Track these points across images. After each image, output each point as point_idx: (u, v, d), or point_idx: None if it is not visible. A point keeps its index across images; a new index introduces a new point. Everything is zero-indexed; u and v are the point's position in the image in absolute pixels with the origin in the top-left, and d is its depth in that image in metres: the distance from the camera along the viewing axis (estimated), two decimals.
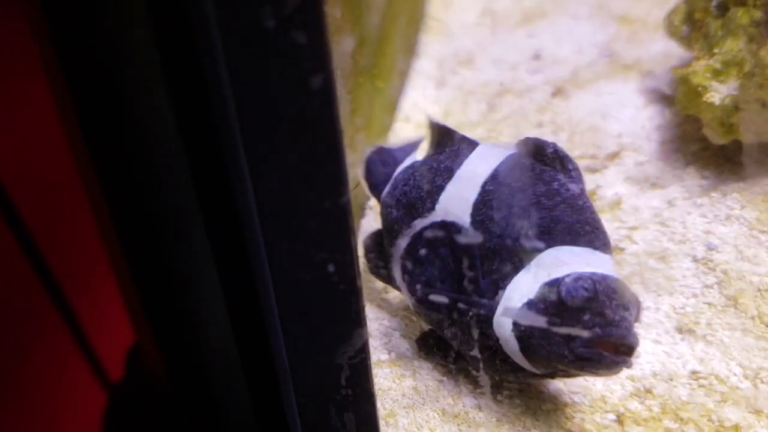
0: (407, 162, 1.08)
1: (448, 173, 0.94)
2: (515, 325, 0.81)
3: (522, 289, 0.82)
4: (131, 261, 0.63)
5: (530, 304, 0.80)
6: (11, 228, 0.87)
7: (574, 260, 0.81)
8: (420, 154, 1.09)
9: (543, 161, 0.88)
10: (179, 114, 0.54)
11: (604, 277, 0.78)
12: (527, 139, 0.90)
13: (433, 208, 0.94)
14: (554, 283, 0.79)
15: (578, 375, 0.83)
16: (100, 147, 0.56)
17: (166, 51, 0.51)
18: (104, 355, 1.05)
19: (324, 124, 0.56)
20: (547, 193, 0.85)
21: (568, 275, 0.79)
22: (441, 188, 0.94)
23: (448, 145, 0.99)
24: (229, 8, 0.50)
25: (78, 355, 1.02)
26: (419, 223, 0.92)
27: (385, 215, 1.06)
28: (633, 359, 0.77)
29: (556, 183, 0.86)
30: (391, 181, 1.07)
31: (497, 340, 0.84)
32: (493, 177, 0.90)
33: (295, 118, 0.55)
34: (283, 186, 0.58)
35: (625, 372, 0.94)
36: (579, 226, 0.83)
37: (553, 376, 0.85)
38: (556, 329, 0.78)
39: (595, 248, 0.83)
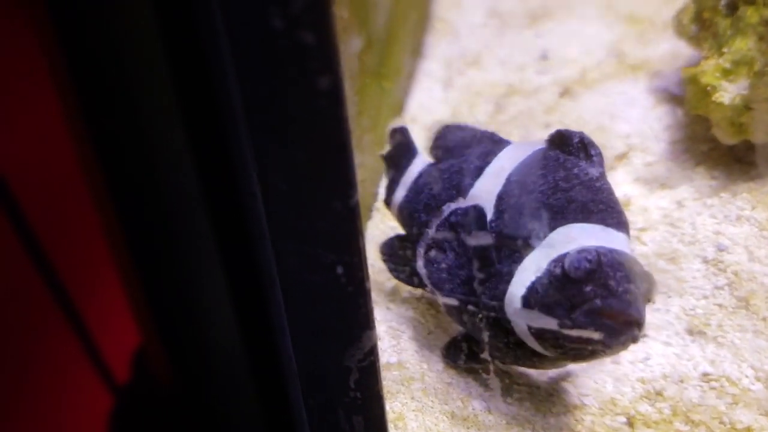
0: (418, 167, 1.07)
1: (478, 172, 0.95)
2: (524, 302, 0.80)
3: (531, 268, 0.82)
4: (137, 263, 0.63)
5: (537, 281, 0.80)
6: (16, 230, 0.87)
7: (583, 236, 0.80)
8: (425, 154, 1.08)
9: (569, 151, 0.89)
10: (186, 115, 0.54)
11: (611, 251, 0.77)
12: (557, 131, 0.91)
13: None
14: (560, 258, 0.78)
15: (589, 356, 0.81)
16: (106, 148, 0.56)
17: (173, 51, 0.51)
18: (110, 358, 1.05)
19: (332, 125, 0.56)
20: (566, 177, 0.86)
21: (575, 249, 0.78)
22: (470, 186, 0.95)
23: (472, 146, 1.00)
24: (236, 8, 0.49)
25: (84, 358, 1.02)
26: (445, 210, 0.92)
27: (408, 220, 1.05)
28: (640, 334, 0.75)
29: (576, 168, 0.87)
30: (409, 186, 1.07)
31: (509, 322, 0.83)
32: (518, 169, 0.91)
33: (302, 119, 0.54)
34: (291, 187, 0.58)
35: (635, 374, 0.94)
36: (592, 204, 0.83)
37: (565, 358, 0.84)
38: (559, 302, 0.77)
39: (607, 225, 0.82)
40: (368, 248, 1.20)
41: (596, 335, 0.75)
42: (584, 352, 0.79)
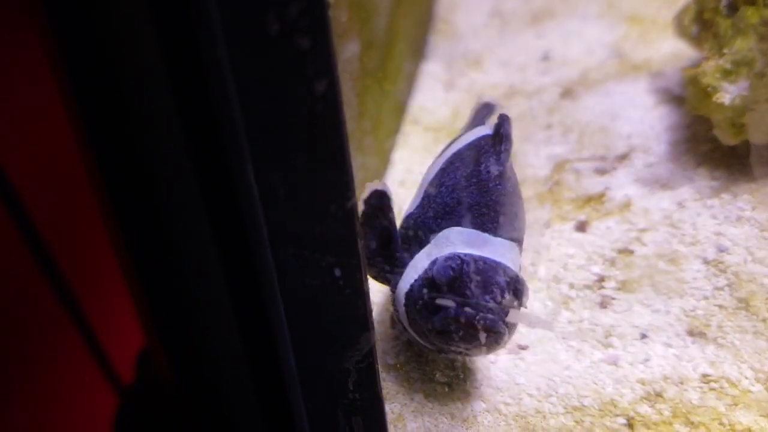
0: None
1: (442, 153, 1.01)
2: (406, 298, 0.86)
3: (417, 266, 0.87)
4: (140, 267, 0.63)
5: (416, 281, 0.85)
6: (23, 234, 0.88)
7: (459, 240, 0.86)
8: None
9: (494, 140, 0.93)
10: (184, 120, 0.54)
11: (476, 259, 0.82)
12: (501, 115, 0.95)
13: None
14: (435, 261, 0.84)
15: (453, 352, 0.86)
16: (108, 154, 0.57)
17: (171, 56, 0.51)
18: (115, 358, 1.06)
19: (329, 129, 0.56)
20: (469, 174, 0.91)
21: (444, 255, 0.84)
22: (435, 167, 1.00)
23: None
24: (233, 13, 0.50)
25: (89, 360, 1.03)
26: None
27: None
28: (500, 339, 0.80)
29: (483, 165, 0.91)
30: None
31: (397, 311, 0.90)
32: (450, 158, 0.97)
33: (300, 123, 0.55)
34: (290, 191, 0.58)
35: (635, 375, 0.94)
36: (476, 208, 0.88)
37: (439, 351, 0.88)
38: (424, 304, 0.83)
39: (485, 230, 0.87)
40: None
41: (452, 338, 0.81)
42: (450, 350, 0.85)
